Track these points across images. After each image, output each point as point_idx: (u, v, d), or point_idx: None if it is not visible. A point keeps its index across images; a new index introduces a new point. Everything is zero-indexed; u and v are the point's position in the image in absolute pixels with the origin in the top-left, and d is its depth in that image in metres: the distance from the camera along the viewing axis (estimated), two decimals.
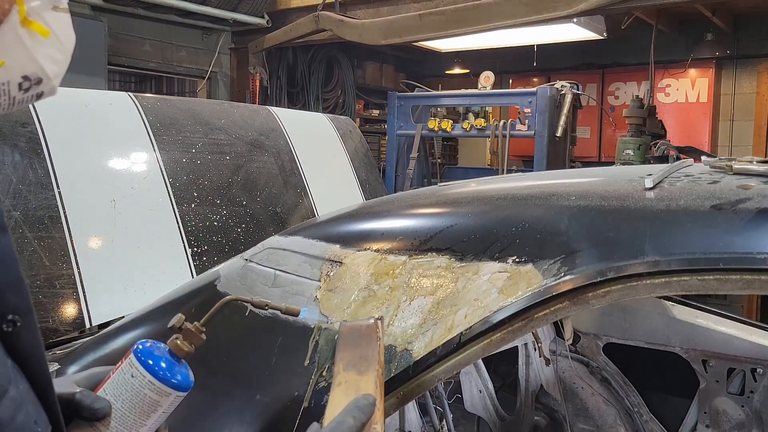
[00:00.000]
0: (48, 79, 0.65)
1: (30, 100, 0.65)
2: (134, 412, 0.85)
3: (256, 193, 2.49)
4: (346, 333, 0.96)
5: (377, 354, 0.91)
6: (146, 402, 0.85)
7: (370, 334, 0.93)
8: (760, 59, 7.30)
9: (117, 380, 0.86)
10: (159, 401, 0.86)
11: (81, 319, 1.85)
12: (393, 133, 6.24)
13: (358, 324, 0.96)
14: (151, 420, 0.86)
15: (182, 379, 0.87)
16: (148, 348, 0.88)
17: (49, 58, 0.65)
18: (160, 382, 0.85)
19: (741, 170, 1.08)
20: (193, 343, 0.90)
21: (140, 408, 0.85)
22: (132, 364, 0.86)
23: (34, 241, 1.84)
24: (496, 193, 1.29)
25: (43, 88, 0.65)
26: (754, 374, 1.84)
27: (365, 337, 0.93)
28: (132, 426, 0.85)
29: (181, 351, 0.89)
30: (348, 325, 0.97)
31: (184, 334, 0.91)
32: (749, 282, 0.84)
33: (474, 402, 2.26)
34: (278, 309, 0.98)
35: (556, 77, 6.45)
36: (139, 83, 7.92)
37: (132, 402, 0.85)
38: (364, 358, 0.90)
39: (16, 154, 1.90)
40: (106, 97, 2.40)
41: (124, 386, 0.86)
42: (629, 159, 5.67)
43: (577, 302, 0.92)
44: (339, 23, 5.94)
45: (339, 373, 0.91)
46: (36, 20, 0.62)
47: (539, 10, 4.92)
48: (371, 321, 0.95)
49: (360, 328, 0.95)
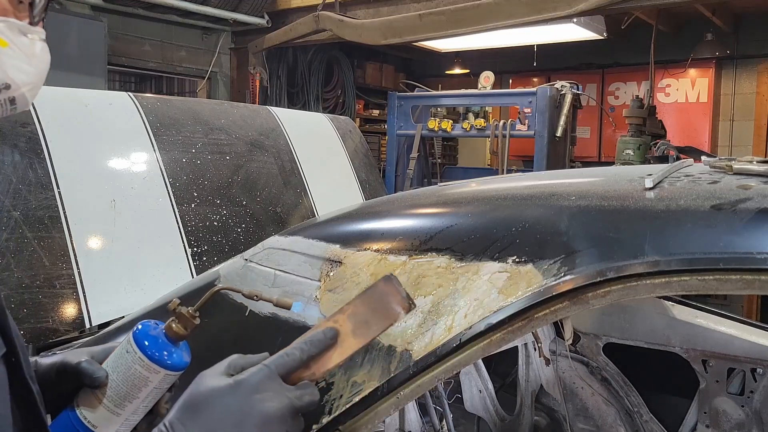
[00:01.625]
0: (16, 86, 0.76)
1: (4, 105, 0.76)
2: (127, 385, 0.93)
3: (256, 193, 2.49)
4: (379, 292, 0.90)
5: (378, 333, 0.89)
6: (137, 376, 0.93)
7: (391, 318, 0.89)
8: (760, 59, 7.30)
9: (116, 354, 0.96)
10: (149, 377, 0.93)
11: (81, 319, 1.85)
12: (393, 133, 6.24)
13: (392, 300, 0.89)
14: (143, 393, 0.94)
15: (173, 359, 0.94)
16: (146, 328, 0.95)
17: (15, 67, 0.76)
18: (149, 359, 0.93)
19: (741, 170, 1.08)
20: (187, 327, 0.96)
21: (132, 381, 0.93)
22: (129, 341, 0.94)
23: (34, 241, 1.84)
24: (496, 193, 1.29)
25: (14, 94, 0.76)
26: (754, 374, 1.84)
27: (387, 317, 0.89)
28: (125, 397, 0.93)
29: (174, 333, 0.95)
30: (385, 289, 0.90)
31: (178, 317, 0.96)
32: (749, 282, 0.84)
33: (474, 402, 2.26)
34: (270, 300, 1.00)
35: (556, 77, 6.45)
36: (139, 83, 7.92)
37: (125, 375, 0.93)
38: (367, 325, 0.89)
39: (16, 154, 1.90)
40: (106, 97, 2.40)
41: (120, 360, 0.94)
42: (629, 159, 5.67)
43: (577, 302, 0.92)
44: (339, 23, 5.94)
45: (340, 313, 0.90)
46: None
47: (539, 10, 4.92)
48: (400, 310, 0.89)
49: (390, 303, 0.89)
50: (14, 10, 0.78)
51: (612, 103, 8.01)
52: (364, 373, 0.98)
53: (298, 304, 1.06)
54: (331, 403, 0.98)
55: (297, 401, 0.83)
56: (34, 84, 0.80)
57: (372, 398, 0.95)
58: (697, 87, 7.51)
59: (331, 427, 0.97)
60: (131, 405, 0.94)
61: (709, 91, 7.45)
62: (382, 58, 8.98)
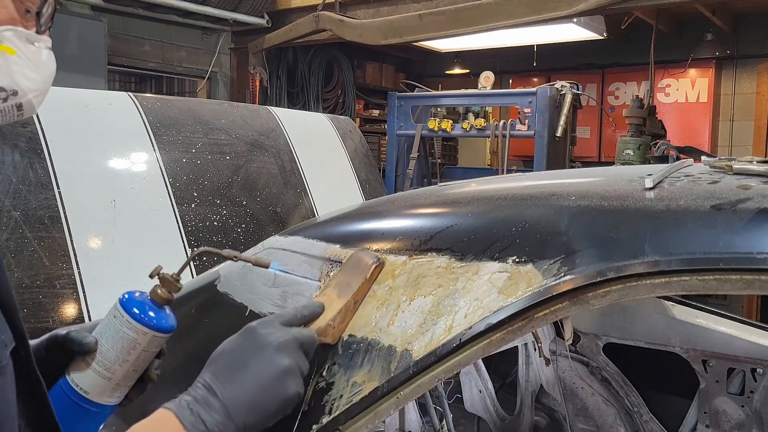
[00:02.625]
0: (23, 92, 0.80)
1: (11, 111, 0.80)
2: (116, 348, 0.97)
3: (256, 193, 2.49)
4: (353, 260, 1.11)
5: (358, 288, 1.06)
6: (126, 339, 0.97)
7: (365, 272, 1.07)
8: (760, 59, 7.30)
9: (105, 321, 0.99)
10: (137, 339, 0.97)
11: (81, 319, 1.85)
12: (393, 133, 6.23)
13: (364, 259, 1.10)
14: (132, 356, 0.97)
15: (159, 320, 0.98)
16: (131, 295, 1.00)
17: (22, 74, 0.79)
18: (137, 321, 0.97)
19: (741, 170, 1.08)
20: (171, 291, 1.01)
21: (121, 345, 0.97)
22: (116, 307, 0.98)
23: (34, 241, 1.84)
24: (496, 193, 1.29)
25: (21, 100, 0.80)
26: (754, 374, 1.84)
27: (361, 272, 1.08)
28: (115, 361, 0.97)
29: (159, 297, 1.00)
30: (357, 256, 1.12)
31: (162, 282, 1.01)
32: (749, 282, 0.84)
33: (474, 402, 2.26)
34: (248, 260, 1.07)
35: (556, 77, 6.44)
36: (139, 83, 7.91)
37: (114, 339, 0.97)
38: (348, 286, 1.07)
39: (16, 154, 1.90)
40: (106, 97, 2.40)
41: (109, 326, 0.98)
42: (629, 159, 5.67)
43: (577, 302, 0.92)
44: (339, 23, 5.94)
45: (326, 288, 1.10)
46: (5, 44, 0.78)
47: (539, 10, 4.92)
48: (372, 262, 1.08)
49: (362, 262, 1.09)
50: (22, 20, 0.81)
51: (612, 103, 8.01)
52: (364, 373, 0.98)
53: (276, 264, 1.12)
54: (331, 403, 0.98)
55: (298, 335, 0.95)
56: (41, 90, 0.83)
57: (372, 398, 0.95)
58: (697, 87, 7.51)
59: (331, 427, 0.97)
60: (121, 369, 0.97)
61: (709, 91, 7.45)
62: (382, 58, 8.98)
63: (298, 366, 0.92)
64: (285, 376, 0.90)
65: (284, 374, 0.90)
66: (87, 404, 0.97)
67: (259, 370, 0.89)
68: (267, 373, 0.89)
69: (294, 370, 0.91)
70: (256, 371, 0.89)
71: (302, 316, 1.00)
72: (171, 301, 1.02)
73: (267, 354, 0.90)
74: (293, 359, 0.91)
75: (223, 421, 0.85)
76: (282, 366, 0.90)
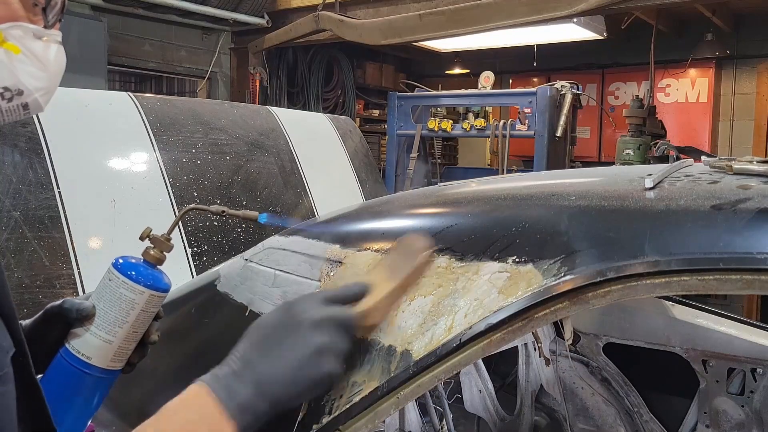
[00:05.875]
0: (29, 92, 0.77)
1: (17, 110, 0.77)
2: (114, 310, 0.97)
3: (256, 193, 2.49)
4: (404, 243, 1.05)
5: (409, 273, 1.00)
6: (123, 300, 0.97)
7: (417, 256, 1.01)
8: (760, 59, 7.30)
9: (100, 286, 1.00)
10: (135, 299, 0.97)
11: None
12: (393, 133, 6.23)
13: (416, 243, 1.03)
14: (131, 317, 0.98)
15: (155, 279, 1.00)
16: (125, 258, 1.01)
17: (27, 73, 0.76)
18: (133, 281, 0.97)
19: (741, 170, 1.08)
20: (163, 251, 1.03)
21: (119, 306, 0.97)
22: (110, 271, 0.99)
23: (34, 241, 1.84)
24: (496, 193, 1.29)
25: (26, 99, 0.77)
26: (754, 374, 1.84)
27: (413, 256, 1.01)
28: (115, 322, 0.97)
29: (152, 257, 1.02)
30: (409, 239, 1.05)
31: (153, 242, 1.03)
32: (749, 282, 0.84)
33: (474, 402, 2.26)
34: (236, 215, 1.09)
35: (556, 77, 6.45)
36: (139, 83, 7.91)
37: (111, 301, 0.97)
38: (398, 269, 1.00)
39: (16, 154, 1.90)
40: (106, 97, 2.40)
41: (105, 289, 0.99)
42: (629, 159, 5.67)
43: (577, 302, 0.92)
44: (339, 23, 5.94)
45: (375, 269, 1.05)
46: (11, 41, 0.75)
47: (539, 10, 4.92)
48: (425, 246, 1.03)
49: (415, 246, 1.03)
50: (28, 14, 0.78)
51: (612, 103, 8.01)
52: (364, 373, 0.98)
53: (263, 216, 1.11)
54: (331, 403, 0.98)
55: (338, 313, 0.92)
56: (47, 89, 0.80)
57: (372, 398, 0.95)
58: (697, 87, 7.51)
59: (331, 427, 0.96)
60: (122, 330, 0.97)
61: (709, 91, 7.45)
62: (382, 58, 8.98)
63: (335, 345, 0.89)
64: (319, 355, 0.87)
65: (318, 353, 0.87)
66: (91, 370, 0.97)
67: (292, 347, 0.87)
68: (300, 351, 0.87)
69: (329, 350, 0.89)
70: (289, 348, 0.87)
71: (345, 295, 0.97)
72: (163, 261, 1.03)
73: (302, 331, 0.88)
74: (329, 337, 0.89)
75: (254, 396, 0.84)
76: (316, 344, 0.88)
